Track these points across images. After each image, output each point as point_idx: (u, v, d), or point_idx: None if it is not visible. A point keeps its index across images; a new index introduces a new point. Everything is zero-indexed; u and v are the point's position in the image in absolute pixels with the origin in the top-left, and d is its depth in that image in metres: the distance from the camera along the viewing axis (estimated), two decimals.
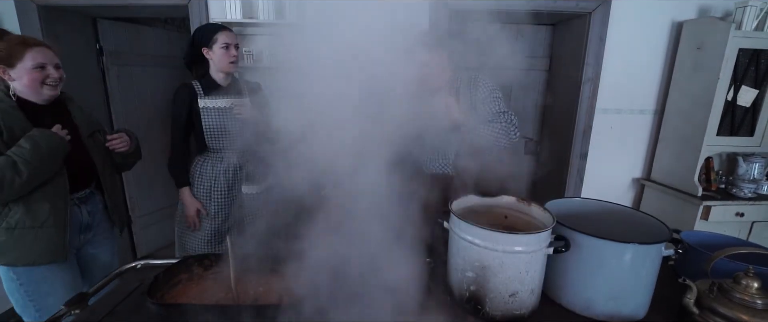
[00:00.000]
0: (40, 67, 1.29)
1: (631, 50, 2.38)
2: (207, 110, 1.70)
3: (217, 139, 1.73)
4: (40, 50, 1.31)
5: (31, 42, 1.31)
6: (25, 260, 1.33)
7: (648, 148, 2.57)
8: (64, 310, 0.97)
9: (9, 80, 1.29)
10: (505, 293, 0.85)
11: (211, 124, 1.71)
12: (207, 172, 1.76)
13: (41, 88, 1.31)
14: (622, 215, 1.11)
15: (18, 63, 1.27)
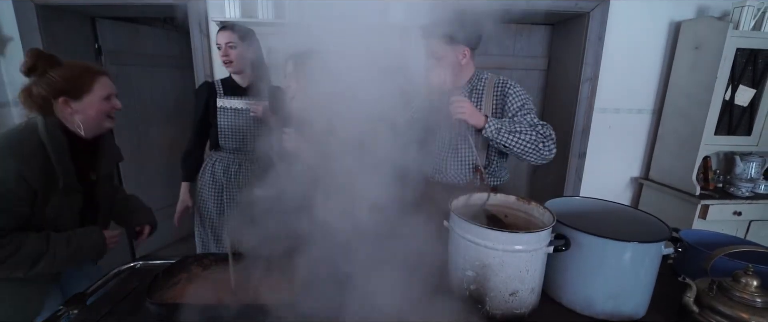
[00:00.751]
0: (108, 98, 1.15)
1: (630, 50, 2.38)
2: (223, 109, 1.70)
3: (230, 139, 1.73)
4: (106, 80, 1.15)
5: (96, 70, 1.14)
6: (71, 264, 1.13)
7: (646, 147, 2.58)
8: (62, 310, 0.96)
9: (70, 114, 1.10)
10: (506, 292, 0.85)
11: (225, 123, 1.71)
12: (218, 170, 1.76)
13: (104, 120, 1.16)
14: (622, 214, 1.11)
15: (85, 95, 1.10)
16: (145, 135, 3.00)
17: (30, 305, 1.14)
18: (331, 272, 1.00)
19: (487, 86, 1.39)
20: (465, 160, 1.43)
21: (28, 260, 1.02)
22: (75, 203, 1.15)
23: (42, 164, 1.03)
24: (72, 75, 1.09)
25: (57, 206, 1.09)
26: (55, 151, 1.05)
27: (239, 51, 1.63)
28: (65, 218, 1.13)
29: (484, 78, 1.41)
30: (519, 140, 1.28)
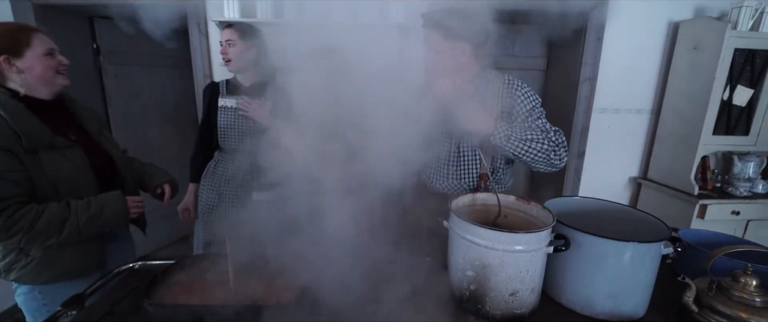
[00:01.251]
0: (50, 54, 1.13)
1: (628, 50, 2.39)
2: (224, 109, 1.69)
3: (229, 140, 1.71)
4: (43, 35, 1.14)
5: (30, 27, 1.12)
6: (64, 277, 1.19)
7: (645, 147, 2.58)
8: (61, 311, 0.96)
9: (16, 73, 1.10)
10: (506, 292, 0.85)
11: (224, 123, 1.69)
12: (219, 171, 1.75)
13: (55, 77, 1.15)
14: (621, 214, 1.11)
15: (26, 50, 1.09)
16: (144, 135, 2.99)
17: (96, 261, 1.26)
18: (329, 274, 1.00)
19: (493, 87, 1.29)
20: (469, 166, 1.35)
21: (54, 227, 1.08)
22: (75, 159, 1.17)
23: (3, 127, 1.04)
24: (7, 32, 1.09)
25: (56, 166, 1.12)
26: (8, 113, 1.06)
27: (238, 49, 1.61)
28: (77, 179, 1.17)
29: (489, 78, 1.31)
30: (530, 149, 1.17)
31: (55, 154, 1.13)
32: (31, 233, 1.06)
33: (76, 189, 1.16)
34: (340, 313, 0.87)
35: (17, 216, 1.04)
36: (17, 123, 1.06)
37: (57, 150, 1.13)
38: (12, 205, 1.04)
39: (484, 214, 1.08)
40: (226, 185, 1.75)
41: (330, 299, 0.90)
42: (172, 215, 3.29)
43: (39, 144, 1.09)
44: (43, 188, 1.10)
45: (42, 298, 1.22)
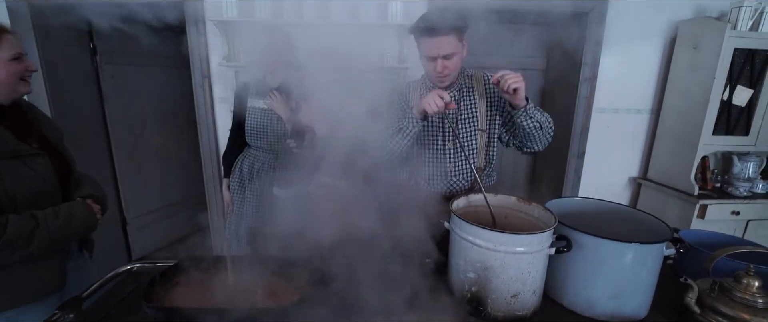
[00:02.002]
0: (17, 58, 1.06)
1: (628, 50, 2.39)
2: (252, 109, 1.74)
3: (256, 138, 1.76)
4: (12, 38, 1.06)
5: (2, 28, 1.05)
6: (22, 299, 1.07)
7: (644, 147, 2.58)
8: (58, 314, 0.95)
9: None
10: (507, 294, 0.85)
11: (252, 122, 1.74)
12: (245, 168, 1.80)
13: (18, 84, 1.08)
14: (622, 215, 1.10)
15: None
16: (141, 135, 2.97)
17: (56, 277, 1.14)
18: (329, 277, 0.99)
19: (476, 84, 1.38)
20: (464, 162, 1.39)
21: (21, 239, 0.98)
22: (39, 168, 1.08)
23: None
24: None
25: (17, 175, 1.02)
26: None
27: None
28: (40, 189, 1.07)
29: (470, 75, 1.40)
30: (547, 120, 1.28)
31: (17, 162, 1.03)
32: (1, 240, 0.94)
33: (36, 201, 1.05)
34: (340, 315, 0.86)
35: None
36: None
37: (20, 158, 1.04)
38: None
39: (485, 215, 1.07)
40: (250, 182, 1.81)
41: (330, 300, 0.90)
42: (170, 216, 3.29)
43: (1, 151, 1.01)
44: (1, 201, 0.99)
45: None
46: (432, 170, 1.43)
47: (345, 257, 1.08)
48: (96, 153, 2.70)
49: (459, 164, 1.39)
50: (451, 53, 1.25)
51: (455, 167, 1.40)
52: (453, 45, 1.24)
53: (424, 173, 1.45)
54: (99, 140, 2.73)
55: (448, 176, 1.39)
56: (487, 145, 1.39)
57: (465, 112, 1.37)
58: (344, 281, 0.98)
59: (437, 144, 1.40)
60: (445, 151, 1.39)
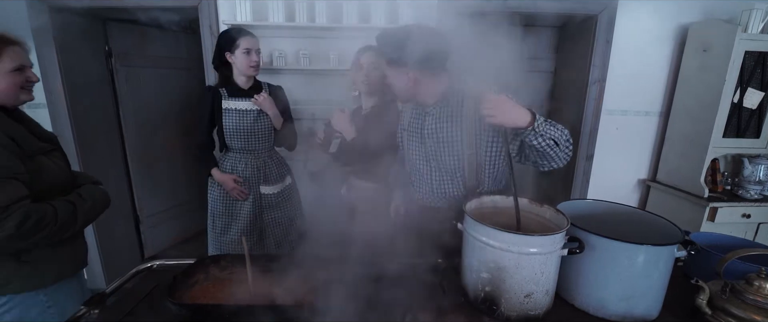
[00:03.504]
0: (19, 70, 1.12)
1: (638, 52, 2.39)
2: (228, 111, 1.77)
3: (236, 139, 1.79)
4: (18, 50, 1.13)
5: (7, 39, 1.12)
6: (67, 271, 1.22)
7: (653, 149, 2.58)
8: (83, 310, 0.98)
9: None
10: (521, 294, 0.86)
11: (231, 124, 1.77)
12: (227, 170, 1.83)
13: (19, 93, 1.13)
14: (633, 217, 1.12)
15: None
16: (153, 136, 3.02)
17: (83, 254, 1.30)
18: (343, 274, 1.02)
19: (468, 99, 1.21)
20: (451, 183, 1.29)
21: (69, 220, 1.12)
22: (60, 162, 1.21)
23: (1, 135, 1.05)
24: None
25: (49, 169, 1.14)
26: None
27: (259, 57, 1.75)
28: (64, 181, 1.20)
29: (461, 90, 1.24)
30: (562, 134, 1.07)
31: (44, 158, 1.14)
32: (57, 223, 1.08)
33: (60, 190, 1.17)
34: (355, 314, 0.89)
35: (41, 211, 1.05)
36: (8, 129, 1.07)
37: (45, 155, 1.16)
38: (31, 205, 1.05)
39: (497, 216, 1.09)
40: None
41: (345, 299, 0.92)
42: (178, 216, 3.34)
43: (33, 149, 1.12)
44: (38, 194, 1.09)
45: (47, 300, 1.20)
46: (420, 186, 1.39)
47: (359, 258, 1.10)
48: (111, 153, 2.76)
49: (444, 183, 1.31)
50: (387, 74, 1.26)
51: (442, 185, 1.32)
52: (385, 67, 1.26)
53: (416, 188, 1.42)
54: (114, 141, 2.79)
55: (435, 192, 1.34)
56: (477, 167, 1.26)
57: (446, 134, 1.24)
58: (357, 281, 1.01)
59: (420, 163, 1.35)
60: (430, 170, 1.33)
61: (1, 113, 1.11)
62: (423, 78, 1.21)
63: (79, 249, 1.29)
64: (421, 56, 1.15)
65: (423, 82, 1.22)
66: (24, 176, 1.06)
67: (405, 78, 1.20)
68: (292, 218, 1.97)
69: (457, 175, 1.28)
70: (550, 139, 1.05)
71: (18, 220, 0.99)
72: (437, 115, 1.26)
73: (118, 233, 2.80)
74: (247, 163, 1.83)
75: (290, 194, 1.96)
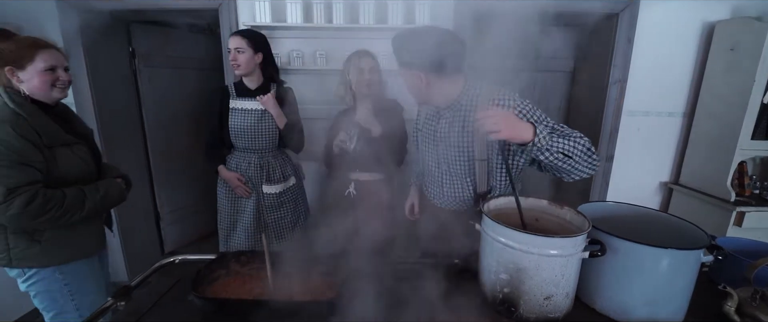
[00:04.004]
0: (50, 70, 1.26)
1: (660, 51, 2.32)
2: (235, 111, 1.81)
3: (241, 138, 1.82)
4: (51, 52, 1.27)
5: (41, 43, 1.27)
6: (80, 253, 1.36)
7: (677, 151, 2.51)
8: (111, 302, 1.02)
9: (17, 83, 1.24)
10: (540, 296, 0.86)
11: (236, 123, 1.81)
12: (232, 168, 1.87)
13: (51, 90, 1.28)
14: (656, 220, 1.09)
15: (28, 65, 1.23)
16: (174, 134, 3.10)
17: (100, 237, 1.46)
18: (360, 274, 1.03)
19: (481, 105, 1.17)
20: (461, 187, 1.29)
21: (75, 207, 1.25)
22: (83, 154, 1.34)
23: (25, 124, 1.20)
24: (18, 48, 1.23)
25: (68, 161, 1.28)
26: (26, 112, 1.21)
27: (247, 56, 1.71)
28: (84, 173, 1.33)
29: (475, 95, 1.20)
30: (576, 145, 1.01)
31: (67, 151, 1.29)
32: (62, 208, 1.22)
33: (81, 180, 1.31)
34: (374, 314, 0.89)
35: (49, 195, 1.19)
36: (35, 121, 1.22)
37: (68, 146, 1.30)
38: (41, 189, 1.19)
39: (515, 217, 1.08)
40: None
41: (364, 298, 0.93)
42: (196, 213, 3.41)
43: (55, 140, 1.25)
44: (54, 180, 1.24)
45: (63, 278, 1.35)
46: (431, 187, 1.41)
47: (375, 256, 1.11)
48: (134, 151, 2.84)
49: (455, 186, 1.31)
50: (401, 75, 1.25)
51: (452, 188, 1.32)
52: (399, 68, 1.24)
53: (428, 188, 1.44)
54: (137, 139, 2.87)
55: (445, 195, 1.34)
56: (490, 174, 1.25)
57: (456, 138, 1.23)
58: (376, 279, 1.01)
59: (432, 165, 1.36)
60: (441, 171, 1.33)
61: (34, 107, 1.25)
62: (436, 81, 1.19)
63: (93, 235, 1.41)
64: (434, 59, 1.14)
65: (436, 85, 1.20)
66: (39, 164, 1.20)
67: (418, 80, 1.19)
68: (295, 219, 1.96)
69: (467, 180, 1.27)
70: (558, 153, 1.00)
71: (25, 200, 1.15)
72: (450, 118, 1.25)
73: (139, 228, 2.88)
74: (251, 161, 1.85)
75: (294, 195, 1.96)
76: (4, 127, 1.17)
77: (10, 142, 1.16)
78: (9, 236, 1.27)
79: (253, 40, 1.72)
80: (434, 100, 1.26)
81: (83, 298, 1.41)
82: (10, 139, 1.16)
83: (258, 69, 1.79)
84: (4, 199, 1.14)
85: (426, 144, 1.36)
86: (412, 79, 1.20)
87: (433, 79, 1.18)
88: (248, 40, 1.71)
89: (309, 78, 2.26)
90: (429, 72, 1.17)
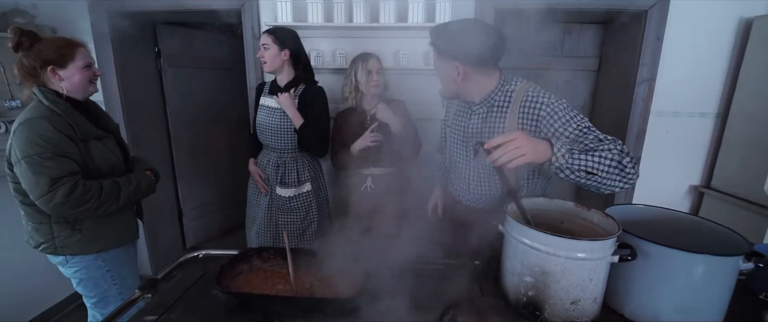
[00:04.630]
0: (88, 66, 1.36)
1: (692, 49, 2.23)
2: (262, 107, 1.84)
3: (264, 135, 1.86)
4: (85, 50, 1.37)
5: (77, 42, 1.35)
6: (117, 241, 1.46)
7: (708, 153, 2.40)
8: (138, 294, 1.05)
9: (58, 81, 1.31)
10: (567, 300, 0.83)
11: (260, 120, 1.84)
12: (261, 165, 1.91)
13: (88, 86, 1.38)
14: (688, 224, 1.04)
15: (70, 63, 1.31)
16: (196, 132, 3.18)
17: (134, 227, 1.57)
18: (382, 272, 1.02)
19: (514, 102, 1.16)
20: (490, 183, 1.27)
21: (111, 198, 1.33)
22: (112, 147, 1.42)
23: (60, 120, 1.27)
24: (57, 47, 1.30)
25: (101, 153, 1.36)
26: (60, 109, 1.28)
27: (273, 52, 1.73)
28: (114, 164, 1.41)
29: (510, 90, 1.19)
30: (601, 160, 0.94)
31: (98, 143, 1.37)
32: (100, 199, 1.29)
33: (112, 171, 1.40)
34: (391, 313, 0.89)
35: (88, 185, 1.27)
36: (69, 117, 1.29)
37: (99, 140, 1.38)
38: (80, 179, 1.27)
39: (539, 219, 1.05)
40: (264, 179, 1.90)
41: (384, 297, 0.92)
42: (218, 210, 3.49)
43: (88, 134, 1.33)
44: (90, 172, 1.33)
45: (104, 265, 1.45)
46: (457, 184, 1.39)
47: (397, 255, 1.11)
48: (159, 149, 2.93)
49: (482, 184, 1.30)
50: (435, 67, 1.25)
51: (480, 185, 1.30)
52: (434, 59, 1.25)
53: (454, 185, 1.42)
54: (162, 137, 2.96)
55: (472, 192, 1.33)
56: (518, 169, 1.12)
57: (488, 134, 1.21)
58: (397, 279, 1.01)
59: (461, 162, 1.35)
60: (469, 169, 1.32)
61: (67, 104, 1.32)
62: (473, 74, 1.19)
63: (128, 224, 1.51)
64: (475, 51, 1.14)
65: (473, 78, 1.20)
66: (76, 156, 1.28)
67: (454, 72, 1.18)
68: (304, 227, 1.91)
69: (497, 177, 1.25)
70: (580, 172, 0.94)
71: (67, 190, 1.22)
72: (483, 114, 1.24)
73: (162, 224, 2.97)
74: (270, 160, 1.86)
75: (307, 202, 1.90)
76: (43, 123, 1.24)
77: (50, 136, 1.23)
78: (53, 225, 1.35)
79: (279, 37, 1.73)
80: (467, 93, 1.25)
81: (123, 283, 1.51)
82: (50, 133, 1.23)
83: (288, 67, 1.78)
84: (49, 189, 1.21)
85: (455, 140, 1.35)
86: (449, 70, 1.20)
87: (470, 71, 1.18)
88: (274, 37, 1.72)
89: (328, 78, 2.26)
90: (467, 64, 1.17)
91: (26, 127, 1.24)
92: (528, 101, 1.13)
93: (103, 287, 1.48)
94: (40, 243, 1.38)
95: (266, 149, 1.89)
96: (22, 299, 2.15)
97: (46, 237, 1.36)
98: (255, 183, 1.93)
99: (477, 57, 1.15)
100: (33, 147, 1.21)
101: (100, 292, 1.48)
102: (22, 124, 1.25)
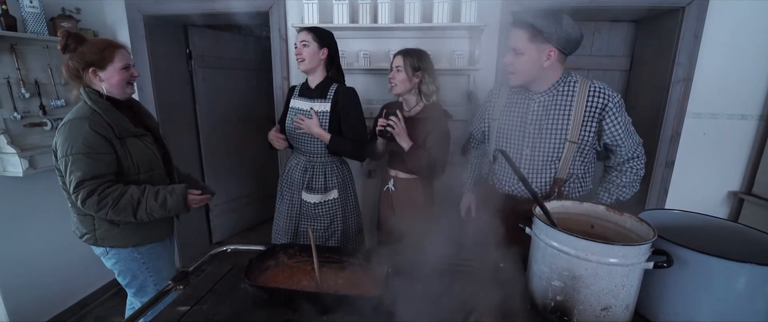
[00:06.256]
0: (125, 68, 1.40)
1: (732, 48, 2.12)
2: (292, 109, 1.80)
3: (292, 138, 1.82)
4: (124, 52, 1.41)
5: (116, 44, 1.40)
6: (153, 237, 1.52)
7: (749, 158, 2.27)
8: (171, 285, 1.09)
9: (99, 82, 1.37)
10: (597, 307, 0.81)
11: (289, 122, 1.79)
12: (289, 167, 1.88)
13: (126, 87, 1.43)
14: (728, 231, 1.00)
15: (108, 65, 1.37)
16: (224, 131, 3.28)
17: (170, 224, 1.61)
18: (408, 269, 1.03)
19: (579, 92, 1.27)
20: (542, 171, 1.34)
21: (130, 210, 1.35)
22: (150, 145, 1.47)
23: (100, 120, 1.33)
24: (98, 49, 1.36)
25: (138, 150, 1.41)
26: (101, 109, 1.35)
27: (311, 50, 1.67)
28: (152, 161, 1.46)
29: (573, 81, 1.29)
30: (629, 191, 1.40)
31: (136, 141, 1.42)
32: (115, 208, 1.33)
33: (150, 169, 1.45)
34: (416, 315, 0.89)
35: (106, 193, 1.31)
36: (109, 116, 1.35)
37: (138, 138, 1.43)
38: (103, 183, 1.32)
39: (567, 222, 1.03)
40: (289, 179, 1.86)
41: (409, 297, 0.93)
42: (243, 207, 3.58)
43: (126, 132, 1.39)
44: (128, 168, 1.39)
45: (140, 257, 1.52)
46: (502, 174, 1.44)
47: (422, 255, 1.11)
48: (189, 146, 3.04)
49: (533, 171, 1.36)
50: (519, 50, 1.25)
51: (530, 173, 1.36)
52: (522, 42, 1.24)
53: (498, 174, 1.45)
54: (191, 135, 3.07)
55: (518, 181, 1.34)
56: (574, 157, 1.31)
57: (552, 120, 1.30)
58: (421, 278, 1.01)
59: (515, 148, 1.38)
60: (522, 157, 1.37)
61: (108, 104, 1.39)
62: (556, 61, 1.25)
63: (163, 222, 1.55)
64: (571, 39, 1.22)
65: (553, 66, 1.26)
66: (109, 156, 1.34)
67: (543, 56, 1.23)
68: (328, 235, 1.83)
69: (551, 165, 1.33)
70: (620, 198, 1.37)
71: (85, 195, 1.29)
72: (545, 102, 1.31)
73: (190, 219, 3.07)
74: (299, 163, 1.81)
75: (333, 210, 1.82)
76: (82, 123, 1.31)
77: (86, 137, 1.30)
78: (95, 217, 1.43)
79: (318, 35, 1.69)
80: (540, 80, 1.30)
81: (159, 275, 1.58)
82: (86, 134, 1.30)
83: (322, 67, 1.73)
84: (74, 189, 1.30)
85: (509, 129, 1.40)
86: (538, 53, 1.23)
87: (556, 57, 1.24)
88: (314, 35, 1.68)
89: (358, 77, 2.28)
90: (559, 49, 1.23)
91: (67, 126, 1.31)
92: (595, 93, 1.25)
93: (140, 279, 1.55)
94: (83, 234, 1.46)
95: (296, 152, 1.86)
96: (63, 287, 2.28)
97: (88, 228, 1.44)
98: (283, 183, 1.88)
99: (570, 44, 1.23)
100: (69, 146, 1.29)
101: (137, 283, 1.56)
102: (65, 123, 1.33)
